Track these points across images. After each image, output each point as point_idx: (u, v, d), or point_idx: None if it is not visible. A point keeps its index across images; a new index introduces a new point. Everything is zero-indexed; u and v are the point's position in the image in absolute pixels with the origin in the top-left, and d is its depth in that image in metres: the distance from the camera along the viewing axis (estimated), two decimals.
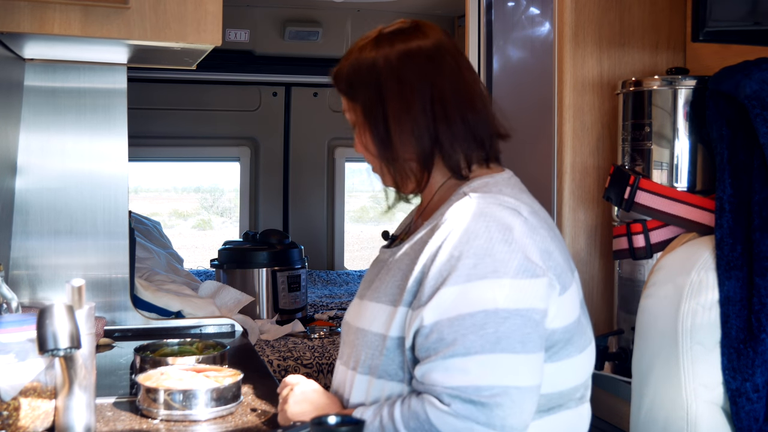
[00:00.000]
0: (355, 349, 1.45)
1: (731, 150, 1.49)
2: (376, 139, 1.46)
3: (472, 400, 1.26)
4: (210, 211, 6.19)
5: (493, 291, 1.29)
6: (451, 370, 1.28)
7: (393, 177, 1.48)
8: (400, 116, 1.43)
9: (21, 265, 2.24)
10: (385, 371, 1.40)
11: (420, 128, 1.43)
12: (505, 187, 1.43)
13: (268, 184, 4.82)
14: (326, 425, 1.13)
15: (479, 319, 1.28)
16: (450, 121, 1.44)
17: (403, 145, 1.44)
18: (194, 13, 1.81)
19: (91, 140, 2.30)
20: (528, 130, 2.17)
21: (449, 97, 1.44)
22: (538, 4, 2.13)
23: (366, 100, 1.47)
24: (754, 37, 1.62)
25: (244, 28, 4.20)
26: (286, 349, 2.89)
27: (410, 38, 1.48)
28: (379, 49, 1.47)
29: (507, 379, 1.27)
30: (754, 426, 1.38)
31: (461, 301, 1.30)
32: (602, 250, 2.00)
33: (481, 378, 1.27)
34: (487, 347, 1.28)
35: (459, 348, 1.28)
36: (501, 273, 1.30)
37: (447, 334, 1.29)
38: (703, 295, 1.42)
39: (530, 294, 1.32)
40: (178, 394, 1.54)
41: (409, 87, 1.44)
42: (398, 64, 1.45)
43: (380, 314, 1.42)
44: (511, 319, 1.29)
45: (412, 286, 1.37)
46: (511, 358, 1.28)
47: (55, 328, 1.24)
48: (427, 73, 1.45)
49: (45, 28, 1.74)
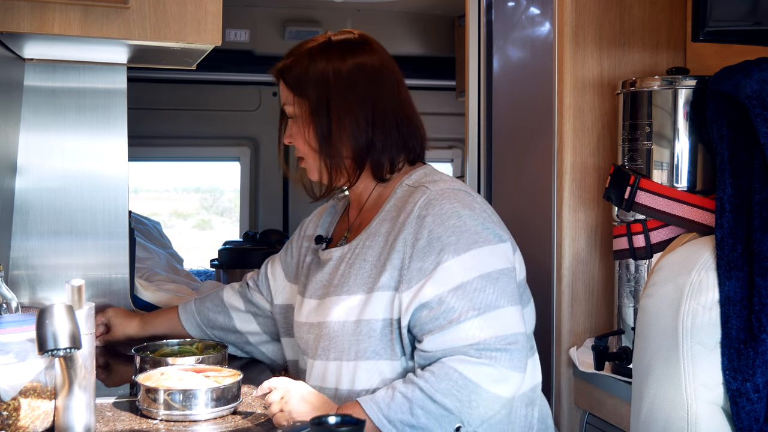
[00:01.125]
0: (333, 341, 1.58)
1: (731, 150, 1.49)
2: (319, 134, 1.64)
3: (498, 348, 1.45)
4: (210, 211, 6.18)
5: (480, 258, 1.51)
6: (470, 329, 1.46)
7: (328, 170, 1.65)
8: (343, 119, 1.62)
9: (21, 265, 2.24)
10: (374, 352, 1.55)
11: (359, 131, 1.63)
12: (441, 175, 1.66)
13: (268, 184, 4.82)
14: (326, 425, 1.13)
15: (478, 284, 1.49)
16: (386, 129, 1.64)
17: (341, 143, 1.63)
18: (194, 13, 1.81)
19: (91, 140, 2.30)
20: (528, 130, 2.17)
21: (388, 108, 1.65)
22: (538, 4, 2.13)
23: (315, 100, 1.64)
24: (754, 37, 1.62)
25: (244, 28, 4.20)
26: None
27: (358, 52, 1.66)
28: (331, 59, 1.64)
29: (513, 327, 1.49)
30: (755, 426, 1.38)
31: (458, 272, 1.49)
32: (602, 250, 2.00)
33: (498, 330, 1.46)
34: (492, 305, 1.48)
35: (470, 312, 1.47)
36: (481, 242, 1.52)
37: (454, 303, 1.48)
38: (703, 295, 1.42)
39: (504, 255, 1.55)
40: (178, 394, 1.54)
41: (354, 96, 1.63)
42: (347, 77, 1.63)
43: (355, 304, 1.57)
44: (501, 278, 1.51)
45: (392, 272, 1.54)
46: (509, 310, 1.50)
47: (55, 328, 1.24)
48: (372, 87, 1.64)
49: (45, 28, 1.73)
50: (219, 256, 3.39)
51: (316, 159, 1.66)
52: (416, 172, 1.67)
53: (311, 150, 1.66)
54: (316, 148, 1.65)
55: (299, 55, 1.67)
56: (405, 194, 1.63)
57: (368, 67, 1.65)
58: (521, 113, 2.21)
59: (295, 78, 1.66)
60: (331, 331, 1.59)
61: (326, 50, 1.65)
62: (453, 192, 1.57)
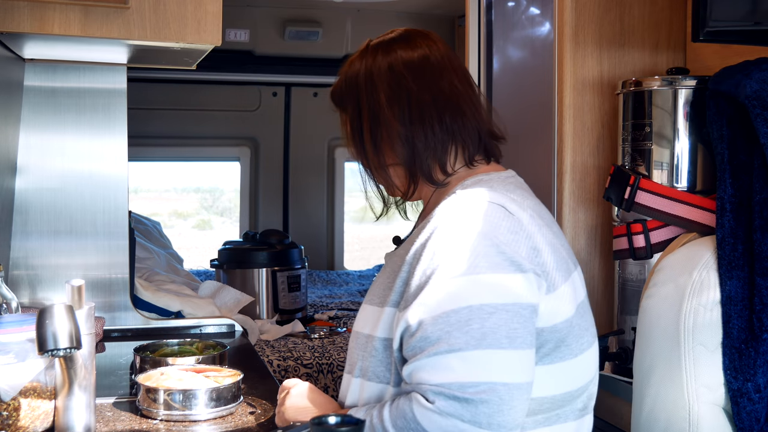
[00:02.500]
0: (351, 353, 1.45)
1: (732, 150, 1.49)
2: (359, 148, 1.49)
3: (456, 396, 1.23)
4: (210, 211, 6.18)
5: (476, 286, 1.27)
6: (437, 367, 1.25)
7: (383, 184, 1.50)
8: (378, 122, 1.45)
9: (21, 265, 2.24)
10: (374, 373, 1.39)
11: (396, 133, 1.44)
12: (497, 184, 1.41)
13: (268, 184, 4.82)
14: (326, 425, 1.13)
15: (464, 315, 1.26)
16: (426, 125, 1.44)
17: (379, 151, 1.46)
18: (194, 13, 1.81)
19: (91, 140, 2.30)
20: (528, 130, 2.16)
21: (427, 101, 1.45)
22: (538, 4, 2.13)
23: (351, 112, 1.49)
24: (754, 37, 1.61)
25: (244, 28, 4.20)
26: (286, 349, 2.89)
27: (393, 49, 1.50)
28: (363, 61, 1.50)
29: (494, 376, 1.24)
30: (756, 426, 1.38)
31: (444, 298, 1.27)
32: (602, 250, 2.00)
33: (466, 375, 1.24)
34: (472, 343, 1.25)
35: (443, 345, 1.26)
36: (484, 268, 1.27)
37: (431, 332, 1.27)
38: (704, 295, 1.41)
39: (516, 288, 1.28)
40: (178, 394, 1.54)
41: (384, 95, 1.45)
42: (376, 77, 1.47)
43: (371, 316, 1.42)
44: (497, 314, 1.26)
45: (399, 286, 1.37)
46: (497, 353, 1.25)
47: (55, 328, 1.24)
48: (405, 82, 1.46)
49: (45, 28, 1.74)
50: (219, 256, 3.39)
51: (372, 174, 1.51)
52: (474, 176, 1.45)
53: (364, 167, 1.51)
54: (364, 163, 1.50)
55: (341, 70, 1.53)
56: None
57: (401, 63, 1.48)
58: (521, 113, 2.21)
59: (338, 94, 1.53)
60: (351, 342, 1.46)
61: (362, 55, 1.51)
62: (481, 204, 1.35)
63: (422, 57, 1.48)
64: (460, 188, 1.41)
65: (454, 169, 1.46)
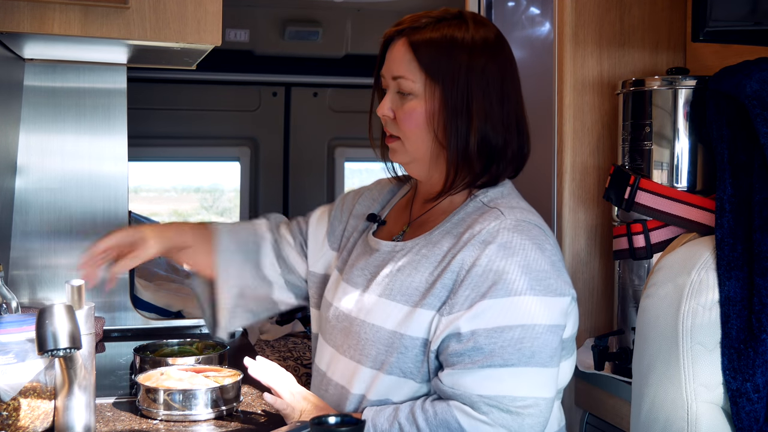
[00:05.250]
0: (364, 343, 1.46)
1: (732, 150, 1.49)
2: (453, 127, 1.46)
3: (509, 409, 1.32)
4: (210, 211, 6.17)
5: (531, 307, 1.35)
6: (488, 379, 1.33)
7: (450, 165, 1.48)
8: (481, 117, 1.47)
9: (21, 265, 2.24)
10: (399, 368, 1.43)
11: (495, 132, 1.48)
12: (518, 200, 1.51)
13: (268, 184, 4.82)
14: (326, 425, 1.13)
15: (517, 333, 1.34)
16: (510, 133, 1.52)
17: (472, 141, 1.46)
18: (194, 13, 1.81)
19: (91, 140, 2.30)
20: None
21: (517, 109, 1.56)
22: (538, 4, 2.13)
23: (455, 90, 1.46)
24: (754, 37, 1.61)
25: (244, 28, 4.20)
26: (286, 349, 2.89)
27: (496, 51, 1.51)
28: (474, 51, 1.47)
29: (538, 391, 1.34)
30: (755, 426, 1.38)
31: (501, 314, 1.35)
32: (602, 250, 2.00)
33: (516, 389, 1.33)
34: (523, 360, 1.34)
35: (497, 359, 1.34)
36: (539, 290, 1.36)
37: (485, 344, 1.34)
38: (703, 296, 1.41)
39: (559, 311, 1.39)
40: (178, 395, 1.54)
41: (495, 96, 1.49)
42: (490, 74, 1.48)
43: (396, 313, 1.44)
44: (545, 334, 1.36)
45: (440, 291, 1.41)
46: (542, 371, 1.35)
47: (54, 328, 1.24)
48: (505, 87, 1.51)
49: (45, 28, 1.74)
50: None
51: (424, 147, 1.50)
52: (494, 188, 1.52)
53: (426, 137, 1.49)
54: (443, 140, 1.48)
55: (442, 36, 1.47)
56: (476, 211, 1.48)
57: (505, 66, 1.52)
58: None
59: (433, 58, 1.47)
60: (363, 332, 1.47)
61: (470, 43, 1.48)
62: (528, 226, 1.42)
63: (513, 65, 1.56)
64: (486, 200, 1.48)
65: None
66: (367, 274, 1.53)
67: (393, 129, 1.53)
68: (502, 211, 1.44)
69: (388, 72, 1.52)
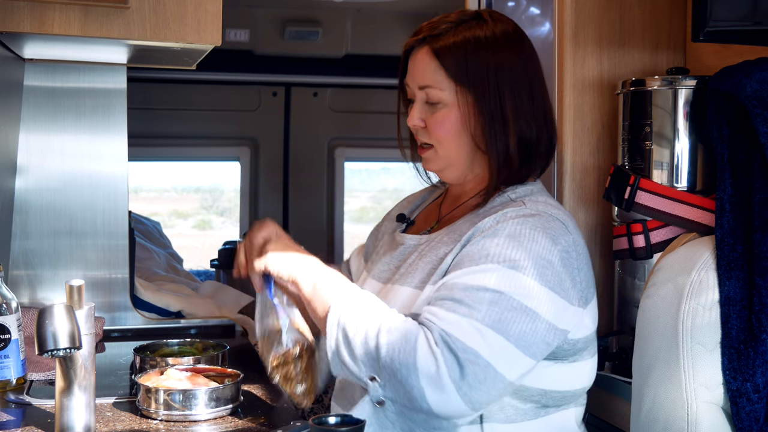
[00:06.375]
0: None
1: (732, 150, 1.49)
2: (490, 131, 1.46)
3: (456, 354, 1.27)
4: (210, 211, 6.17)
5: (531, 290, 1.32)
6: (452, 316, 1.30)
7: (493, 168, 1.48)
8: (517, 118, 1.47)
9: (21, 265, 2.24)
10: None
11: (530, 130, 1.48)
12: (546, 197, 1.49)
13: (268, 184, 4.82)
14: (326, 425, 1.13)
15: (507, 304, 1.30)
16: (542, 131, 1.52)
17: (509, 141, 1.47)
18: (194, 13, 1.81)
19: (91, 140, 2.30)
20: None
21: (546, 106, 1.56)
22: (538, 4, 2.12)
23: (487, 94, 1.45)
24: (755, 37, 1.61)
25: (244, 27, 4.20)
26: None
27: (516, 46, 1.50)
28: (497, 49, 1.46)
29: (491, 357, 1.28)
30: (755, 426, 1.38)
31: (494, 282, 1.32)
32: (602, 250, 2.00)
33: (472, 340, 1.28)
34: (487, 321, 1.29)
35: (464, 309, 1.30)
36: (544, 280, 1.33)
37: (461, 296, 1.31)
38: (703, 296, 1.42)
39: (558, 312, 1.35)
40: (178, 395, 1.54)
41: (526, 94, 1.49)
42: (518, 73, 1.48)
43: (408, 299, 1.44)
44: (520, 313, 1.31)
45: (445, 267, 1.41)
46: (502, 341, 1.29)
47: (55, 328, 1.24)
48: (531, 82, 1.51)
49: (45, 28, 1.74)
50: (219, 256, 3.39)
51: (460, 151, 1.49)
52: (523, 186, 1.51)
53: (461, 141, 1.48)
54: (482, 145, 1.47)
55: (464, 39, 1.46)
56: (501, 205, 1.47)
57: (528, 58, 1.51)
58: None
59: (460, 64, 1.45)
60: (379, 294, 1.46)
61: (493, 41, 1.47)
62: (548, 218, 1.40)
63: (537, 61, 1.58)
64: (515, 195, 1.48)
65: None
66: (392, 267, 1.54)
67: (424, 137, 1.52)
68: (526, 202, 1.44)
69: (413, 81, 1.51)
